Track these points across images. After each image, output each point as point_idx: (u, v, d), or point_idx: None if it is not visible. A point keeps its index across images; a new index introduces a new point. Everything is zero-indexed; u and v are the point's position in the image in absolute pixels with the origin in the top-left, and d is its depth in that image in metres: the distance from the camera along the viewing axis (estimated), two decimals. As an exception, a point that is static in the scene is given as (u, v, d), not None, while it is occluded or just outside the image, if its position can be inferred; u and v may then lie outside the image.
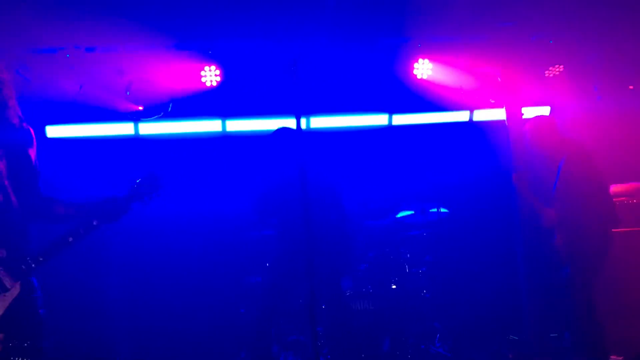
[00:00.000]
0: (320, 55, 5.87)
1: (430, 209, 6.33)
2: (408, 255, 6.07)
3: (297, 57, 3.65)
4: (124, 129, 6.44)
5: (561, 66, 6.21)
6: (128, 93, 5.84)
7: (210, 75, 5.95)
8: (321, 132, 6.62)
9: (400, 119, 6.83)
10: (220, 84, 6.01)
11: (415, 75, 6.10)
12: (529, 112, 6.53)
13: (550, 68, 6.23)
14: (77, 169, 6.21)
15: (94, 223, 3.21)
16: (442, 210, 6.30)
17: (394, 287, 5.87)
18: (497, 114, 6.63)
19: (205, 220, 6.77)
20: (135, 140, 6.50)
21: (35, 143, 3.39)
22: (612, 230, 4.81)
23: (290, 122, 5.20)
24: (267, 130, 6.43)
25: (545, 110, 6.78)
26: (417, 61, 6.04)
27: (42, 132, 6.23)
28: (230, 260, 6.65)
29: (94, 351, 5.11)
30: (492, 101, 6.47)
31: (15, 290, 2.94)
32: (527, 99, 6.44)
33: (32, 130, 3.45)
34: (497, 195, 6.57)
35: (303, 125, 4.56)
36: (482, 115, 6.78)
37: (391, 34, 5.82)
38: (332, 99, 6.57)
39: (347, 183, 5.52)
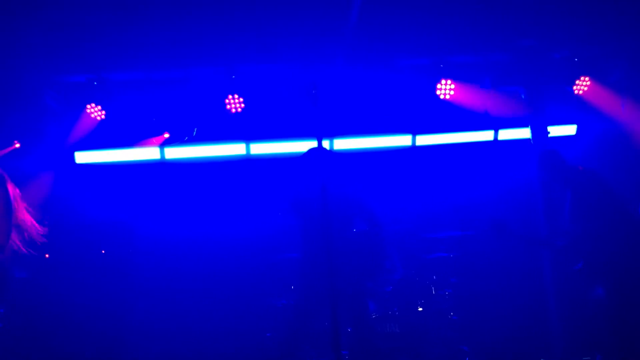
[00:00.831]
0: (341, 77, 5.92)
1: (455, 229, 6.25)
2: (434, 277, 5.99)
3: (318, 80, 3.68)
4: (150, 153, 6.54)
5: (587, 82, 6.13)
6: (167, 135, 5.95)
7: (234, 102, 6.08)
8: (347, 153, 6.62)
9: (424, 140, 6.80)
10: (244, 109, 6.12)
11: (438, 96, 6.10)
12: (554, 130, 6.46)
13: (577, 84, 6.15)
14: (105, 193, 6.32)
15: None
16: (467, 230, 6.22)
17: (420, 309, 5.79)
18: (522, 133, 6.56)
19: (230, 243, 6.80)
20: (161, 165, 6.59)
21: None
22: None
23: (312, 145, 5.22)
24: (291, 153, 6.52)
25: (571, 129, 6.69)
26: (439, 82, 6.05)
27: (71, 158, 6.37)
28: (256, 283, 6.65)
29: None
30: (517, 117, 6.41)
31: None
32: (552, 117, 6.37)
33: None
34: (523, 214, 6.46)
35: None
36: (507, 134, 6.71)
37: (412, 55, 5.84)
38: (355, 121, 6.59)
39: (372, 204, 5.49)
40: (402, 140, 6.77)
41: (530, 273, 6.48)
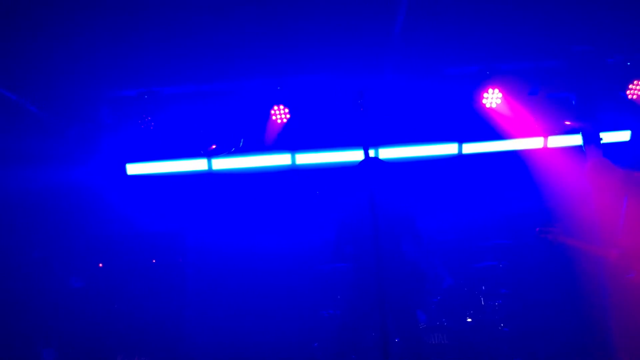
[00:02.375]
0: (387, 86, 5.91)
1: (505, 238, 6.13)
2: (483, 287, 5.89)
3: (364, 89, 3.67)
4: (198, 165, 6.67)
5: (640, 87, 5.94)
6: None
7: (280, 113, 6.15)
8: (398, 163, 6.59)
9: (470, 148, 6.71)
10: (290, 120, 6.18)
11: (485, 104, 6.03)
12: (607, 137, 6.27)
13: (630, 89, 5.97)
14: (155, 204, 6.46)
15: None
16: (517, 239, 6.10)
17: (469, 320, 5.69)
18: (574, 140, 6.40)
19: (277, 253, 6.84)
20: (209, 175, 6.71)
21: None
22: None
23: (358, 154, 5.22)
24: (336, 162, 6.53)
25: (625, 135, 6.48)
26: (486, 90, 5.96)
27: (123, 169, 6.55)
28: (303, 293, 6.67)
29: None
30: (568, 123, 6.26)
31: None
32: (605, 123, 6.19)
33: None
34: (575, 222, 6.29)
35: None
36: (558, 141, 6.55)
37: (458, 63, 5.78)
38: (401, 130, 6.56)
39: (420, 213, 5.44)
40: (449, 149, 6.69)
41: (584, 283, 6.29)
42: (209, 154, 6.62)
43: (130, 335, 5.25)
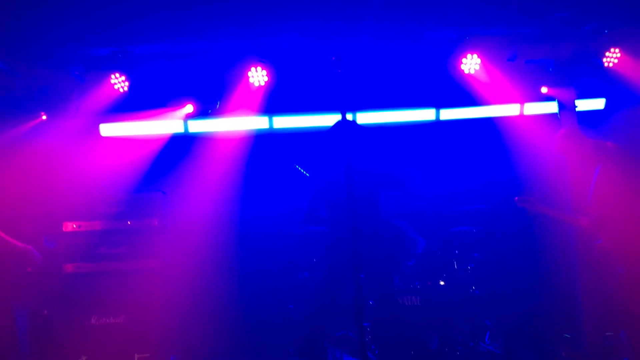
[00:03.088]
0: (366, 50, 5.85)
1: (479, 204, 6.21)
2: (456, 251, 5.98)
3: (342, 52, 3.63)
4: (173, 126, 6.58)
5: (618, 55, 5.98)
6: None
7: (258, 76, 6.07)
8: (373, 127, 6.58)
9: (448, 114, 6.72)
10: (268, 83, 6.12)
11: (463, 70, 6.03)
12: (582, 104, 6.34)
13: (607, 57, 6.01)
14: (130, 166, 6.39)
15: None
16: (491, 205, 6.19)
17: (442, 283, 5.80)
18: (550, 107, 6.46)
19: (253, 217, 6.86)
20: (185, 138, 6.64)
21: None
22: None
23: (336, 119, 5.19)
24: (313, 127, 6.50)
25: (600, 103, 6.55)
26: (465, 56, 5.95)
27: (97, 130, 6.44)
28: (280, 256, 6.71)
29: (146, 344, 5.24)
30: (545, 90, 6.30)
31: None
32: (581, 91, 6.25)
33: None
34: (549, 190, 6.40)
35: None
36: (534, 108, 6.60)
37: (438, 28, 5.74)
38: (379, 95, 6.54)
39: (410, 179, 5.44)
40: (426, 115, 6.70)
41: (554, 248, 6.44)
42: (186, 116, 6.55)
43: (109, 296, 5.24)
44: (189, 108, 6.50)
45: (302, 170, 5.96)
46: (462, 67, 6.04)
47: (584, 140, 4.99)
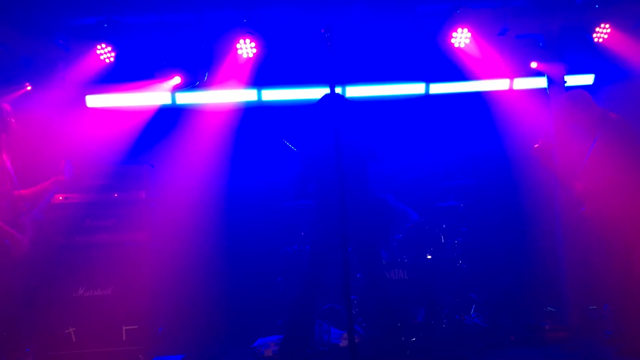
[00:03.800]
0: (356, 23, 5.79)
1: (467, 178, 6.24)
2: (444, 225, 6.02)
3: (332, 24, 3.59)
4: (160, 98, 6.52)
5: (608, 30, 5.96)
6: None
7: (246, 48, 6.00)
8: (361, 101, 6.55)
9: (438, 88, 6.70)
10: (256, 55, 6.05)
11: (453, 44, 5.99)
12: (572, 80, 6.33)
13: (596, 32, 5.99)
14: (117, 138, 6.33)
15: None
16: (479, 180, 6.21)
17: (429, 257, 5.84)
18: (539, 82, 6.45)
19: (242, 191, 6.84)
20: (172, 110, 6.57)
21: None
22: None
23: (325, 92, 5.16)
24: (303, 100, 6.46)
25: (589, 78, 6.56)
26: (455, 30, 5.91)
27: (83, 101, 6.36)
28: (267, 230, 6.72)
29: (134, 316, 5.26)
30: (534, 65, 6.28)
31: None
32: (570, 66, 6.24)
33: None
34: (536, 166, 6.43)
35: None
36: (523, 83, 6.59)
37: (429, 0, 5.69)
38: (369, 68, 6.50)
39: (385, 152, 5.46)
40: (416, 89, 6.68)
41: (540, 223, 6.50)
42: (173, 88, 6.47)
43: (97, 268, 5.23)
44: (177, 80, 6.42)
45: (289, 145, 5.93)
46: (452, 41, 6.00)
47: (592, 104, 4.98)
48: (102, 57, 5.98)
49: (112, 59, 6.02)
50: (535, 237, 6.54)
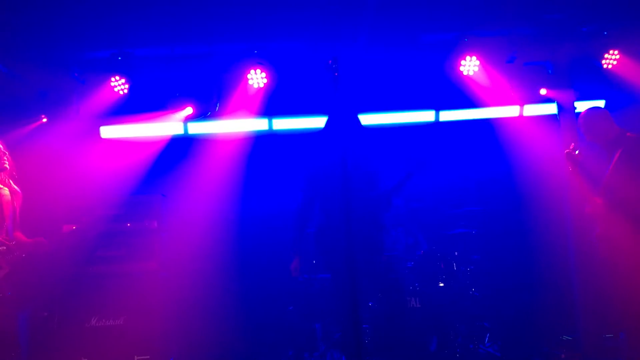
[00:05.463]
0: (364, 54, 5.87)
1: (479, 205, 6.21)
2: (456, 253, 5.98)
3: (340, 56, 3.64)
4: (173, 128, 6.60)
5: (617, 56, 5.98)
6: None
7: (257, 78, 6.09)
8: (371, 127, 6.58)
9: (447, 115, 6.74)
10: (267, 85, 6.14)
11: (462, 72, 6.04)
12: (581, 106, 6.33)
13: (605, 58, 6.01)
14: (130, 168, 6.41)
15: None
16: (491, 206, 6.18)
17: (441, 285, 5.79)
18: (549, 109, 6.46)
19: (253, 219, 6.86)
20: (184, 140, 6.66)
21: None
22: None
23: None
24: (313, 129, 6.52)
25: (599, 104, 6.55)
26: (464, 58, 5.97)
27: (97, 132, 6.47)
28: (278, 259, 6.70)
29: (146, 346, 5.24)
30: (544, 92, 6.30)
31: None
32: (580, 92, 6.26)
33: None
34: (548, 191, 6.40)
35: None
36: (533, 110, 6.61)
37: (435, 30, 5.76)
38: (378, 97, 6.55)
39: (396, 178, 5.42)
40: (426, 116, 6.71)
41: (553, 250, 6.43)
42: (185, 118, 6.57)
43: (109, 298, 5.25)
44: (189, 110, 6.52)
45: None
46: (461, 68, 6.05)
47: (612, 122, 4.92)
48: (116, 89, 6.10)
49: (125, 91, 6.14)
50: (548, 263, 6.47)
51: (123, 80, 6.05)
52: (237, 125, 6.67)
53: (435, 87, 6.49)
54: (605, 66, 6.09)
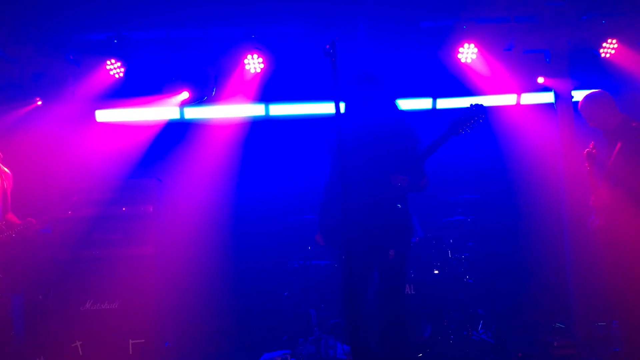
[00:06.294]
0: (362, 40, 5.83)
1: (474, 193, 6.22)
2: (451, 240, 5.99)
3: (338, 41, 3.60)
4: (169, 113, 6.57)
5: (615, 45, 5.96)
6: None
7: (254, 63, 6.06)
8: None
9: (444, 103, 6.72)
10: (264, 70, 6.10)
11: (460, 59, 6.02)
12: (579, 95, 6.32)
13: (604, 47, 6.00)
14: (125, 152, 6.39)
15: None
16: (486, 194, 6.19)
17: (436, 272, 5.81)
18: (546, 97, 6.45)
19: (249, 205, 6.85)
20: (180, 124, 6.63)
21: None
22: None
23: (330, 107, 5.17)
24: (310, 115, 6.50)
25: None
26: (462, 45, 5.94)
27: (92, 116, 6.43)
28: (274, 244, 6.72)
29: (141, 330, 5.26)
30: (541, 81, 6.28)
31: None
32: (577, 81, 6.25)
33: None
34: (543, 180, 6.41)
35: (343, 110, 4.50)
36: (530, 98, 6.60)
37: (434, 16, 5.73)
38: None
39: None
40: (423, 104, 6.70)
41: (547, 238, 6.46)
42: (181, 103, 6.53)
43: (104, 282, 5.24)
44: (185, 94, 6.49)
45: None
46: (459, 56, 6.03)
47: (615, 108, 4.71)
48: (111, 72, 6.06)
49: (121, 74, 6.10)
50: (543, 251, 6.50)
51: (119, 64, 6.01)
52: (233, 111, 6.64)
53: (433, 74, 6.47)
54: (603, 55, 6.08)
